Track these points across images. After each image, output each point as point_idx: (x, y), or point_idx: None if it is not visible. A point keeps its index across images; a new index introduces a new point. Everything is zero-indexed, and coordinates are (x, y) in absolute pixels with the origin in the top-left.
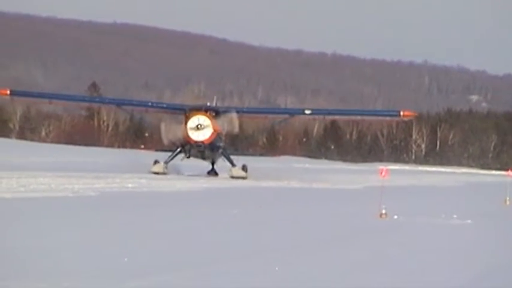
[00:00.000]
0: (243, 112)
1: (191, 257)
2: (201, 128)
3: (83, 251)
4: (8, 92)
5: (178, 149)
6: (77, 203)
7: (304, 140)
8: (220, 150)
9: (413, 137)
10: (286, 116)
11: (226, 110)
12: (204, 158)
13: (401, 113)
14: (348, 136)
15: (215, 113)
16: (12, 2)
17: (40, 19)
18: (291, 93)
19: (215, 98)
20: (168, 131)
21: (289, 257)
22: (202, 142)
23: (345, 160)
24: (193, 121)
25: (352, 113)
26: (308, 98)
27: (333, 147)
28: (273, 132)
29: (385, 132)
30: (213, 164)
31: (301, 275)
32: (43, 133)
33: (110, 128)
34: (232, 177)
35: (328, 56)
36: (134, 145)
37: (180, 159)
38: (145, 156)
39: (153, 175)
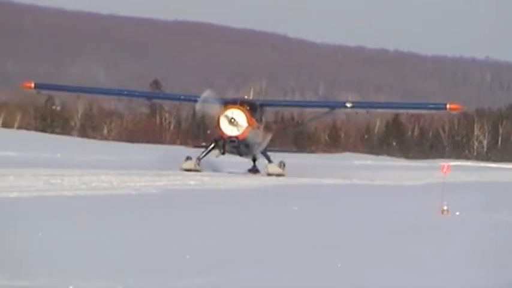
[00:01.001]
0: (283, 106)
1: (254, 254)
2: (234, 123)
3: (145, 248)
4: (33, 85)
5: (212, 145)
6: (138, 200)
7: (366, 136)
8: (257, 146)
9: (475, 133)
10: (327, 109)
11: (263, 104)
12: (240, 154)
13: (448, 106)
14: (409, 133)
15: (251, 106)
16: (74, 0)
17: (101, 17)
18: (352, 90)
19: (252, 90)
20: (206, 102)
21: (351, 253)
22: (236, 137)
23: (406, 157)
24: (227, 115)
25: (396, 106)
26: (370, 94)
27: (394, 143)
28: (335, 129)
29: (446, 128)
30: (254, 160)
31: (362, 272)
32: (105, 131)
33: (172, 126)
34: (269, 174)
35: (389, 52)
36: (196, 142)
37: (215, 156)
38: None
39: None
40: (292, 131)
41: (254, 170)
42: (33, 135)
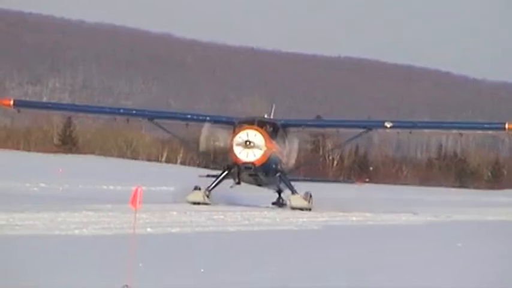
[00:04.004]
0: (308, 126)
1: None
2: (250, 146)
3: (305, 284)
4: (12, 102)
5: (225, 173)
6: (300, 236)
7: None
8: (278, 174)
9: None
10: (363, 130)
11: (287, 124)
12: (259, 184)
13: (506, 126)
14: None
15: (272, 127)
16: (237, 35)
17: (264, 53)
18: None
19: (273, 107)
20: (210, 135)
21: None
22: (253, 163)
23: None
24: (241, 137)
25: (445, 125)
26: None
27: None
28: (498, 166)
29: None
30: (279, 192)
31: None
32: None
33: (335, 162)
34: (292, 208)
35: None
36: (359, 179)
37: (230, 187)
38: (367, 190)
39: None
40: (312, 161)
41: (279, 204)
42: (196, 171)
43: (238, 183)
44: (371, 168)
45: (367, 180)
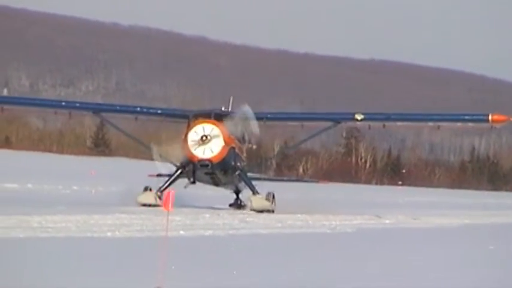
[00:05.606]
0: (268, 118)
1: None
2: (207, 141)
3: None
4: None
5: (178, 172)
6: (333, 239)
7: None
8: (238, 172)
9: None
10: (330, 123)
11: (246, 116)
12: (216, 184)
13: (490, 118)
14: None
15: (230, 120)
16: (270, 38)
17: (298, 55)
18: None
19: (231, 99)
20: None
21: None
22: (210, 160)
23: None
24: (197, 131)
25: (421, 118)
26: None
27: None
28: None
29: None
30: (237, 193)
31: None
32: (300, 170)
33: (367, 165)
34: (253, 210)
35: None
36: (392, 182)
37: (183, 187)
38: (403, 192)
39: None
40: (275, 156)
41: (237, 205)
42: None
43: (193, 182)
44: (404, 171)
45: (399, 183)
